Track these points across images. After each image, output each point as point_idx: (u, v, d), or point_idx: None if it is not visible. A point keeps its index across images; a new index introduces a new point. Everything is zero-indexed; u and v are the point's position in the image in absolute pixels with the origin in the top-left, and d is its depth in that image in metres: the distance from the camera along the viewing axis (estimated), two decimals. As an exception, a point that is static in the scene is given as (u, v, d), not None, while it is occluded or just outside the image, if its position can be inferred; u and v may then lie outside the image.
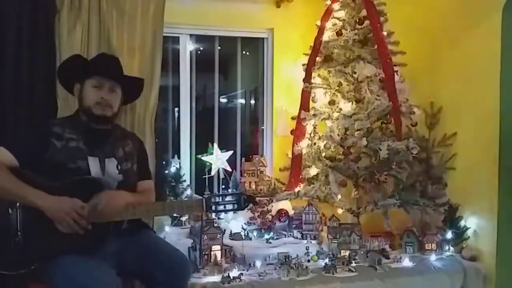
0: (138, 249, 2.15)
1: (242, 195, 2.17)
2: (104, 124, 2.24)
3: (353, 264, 2.74)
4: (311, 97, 3.23)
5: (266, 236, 3.09)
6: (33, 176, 2.02)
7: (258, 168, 3.42)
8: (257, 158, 3.47)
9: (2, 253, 1.98)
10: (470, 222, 3.01)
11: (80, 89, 2.23)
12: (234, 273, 2.54)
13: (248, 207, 2.29)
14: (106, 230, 2.02)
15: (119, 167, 2.21)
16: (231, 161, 3.37)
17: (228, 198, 2.15)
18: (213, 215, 3.03)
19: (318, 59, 3.22)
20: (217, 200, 2.13)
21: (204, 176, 3.24)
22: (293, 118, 3.32)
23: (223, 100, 4.05)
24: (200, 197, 2.39)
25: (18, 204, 1.98)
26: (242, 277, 2.52)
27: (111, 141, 2.25)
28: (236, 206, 2.14)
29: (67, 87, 2.38)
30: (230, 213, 3.28)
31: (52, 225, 1.95)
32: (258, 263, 2.67)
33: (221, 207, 2.14)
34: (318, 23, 3.25)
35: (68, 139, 2.13)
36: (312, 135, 3.18)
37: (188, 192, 3.32)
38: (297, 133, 3.21)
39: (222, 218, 3.23)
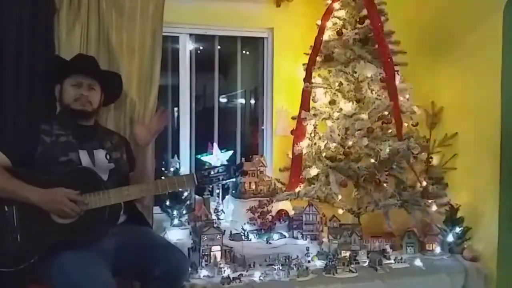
0: (136, 245, 2.17)
1: (231, 165, 2.27)
2: (85, 119, 2.31)
3: (354, 265, 2.73)
4: (311, 97, 3.22)
5: (266, 237, 3.08)
6: (26, 172, 2.06)
7: (258, 168, 3.40)
8: (257, 158, 3.46)
9: (1, 251, 1.99)
10: (471, 223, 3.00)
11: (60, 89, 2.30)
12: (234, 273, 2.53)
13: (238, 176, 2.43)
14: (102, 218, 2.04)
15: (108, 156, 2.28)
16: (231, 161, 3.36)
17: (218, 170, 2.23)
18: (213, 215, 3.04)
19: (318, 58, 3.20)
20: (208, 173, 2.20)
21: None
22: (293, 118, 3.31)
23: (223, 100, 4.04)
24: (190, 173, 2.61)
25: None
26: (242, 278, 2.51)
27: (98, 136, 2.33)
28: (226, 175, 2.22)
29: (48, 89, 2.41)
30: (230, 213, 3.28)
31: (49, 218, 1.98)
32: (258, 264, 2.66)
33: (212, 179, 2.22)
34: (319, 22, 3.24)
35: (57, 135, 2.19)
36: (312, 135, 3.16)
37: (188, 192, 3.30)
38: (297, 133, 3.20)
39: (222, 218, 3.22)
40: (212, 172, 2.20)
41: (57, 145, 2.16)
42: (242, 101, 4.13)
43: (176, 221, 3.13)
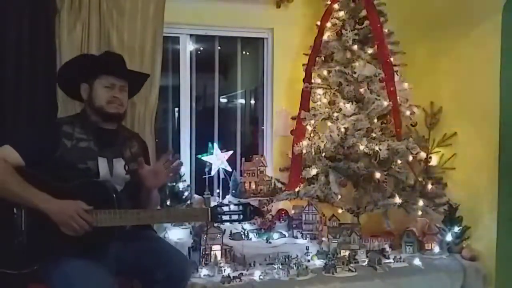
0: (139, 248, 2.16)
1: (249, 206, 2.16)
2: (117, 122, 2.26)
3: (353, 264, 2.74)
4: (311, 97, 3.23)
5: (266, 236, 3.10)
6: (39, 176, 2.00)
7: (258, 168, 3.41)
8: (257, 158, 3.47)
9: (6, 252, 1.97)
10: (470, 222, 3.01)
11: (90, 89, 2.21)
12: (234, 273, 2.54)
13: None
14: (110, 235, 2.01)
15: (127, 168, 2.22)
16: (231, 161, 3.37)
17: (234, 208, 2.13)
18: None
19: (318, 59, 3.22)
20: (223, 210, 2.12)
21: (204, 176, 3.24)
22: (293, 118, 3.32)
23: (223, 100, 4.05)
24: (205, 207, 2.42)
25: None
26: (242, 277, 2.53)
27: (119, 141, 2.26)
28: (242, 217, 2.14)
29: (70, 88, 2.35)
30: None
31: (57, 227, 1.94)
32: (258, 263, 2.67)
33: (226, 217, 2.12)
34: (318, 23, 3.26)
35: (78, 139, 2.12)
36: (312, 135, 3.18)
37: (188, 192, 3.32)
38: (297, 133, 3.21)
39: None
40: (227, 210, 2.12)
41: (76, 151, 2.09)
42: (242, 101, 4.14)
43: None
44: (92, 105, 2.20)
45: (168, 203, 3.11)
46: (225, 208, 2.12)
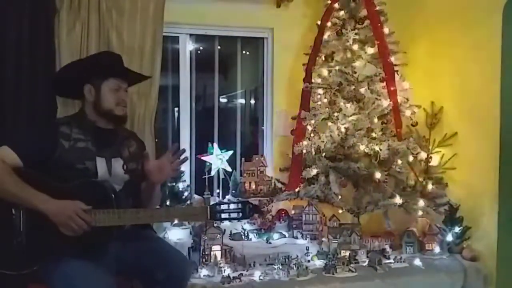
0: (139, 248, 2.15)
1: (248, 203, 2.16)
2: (122, 123, 2.26)
3: (353, 264, 2.74)
4: (311, 97, 3.23)
5: (266, 236, 3.09)
6: (37, 176, 1.99)
7: (258, 168, 3.41)
8: (257, 158, 3.47)
9: (5, 253, 1.97)
10: (470, 222, 3.00)
11: (95, 91, 2.18)
12: (234, 273, 2.54)
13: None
14: (109, 235, 2.00)
15: (125, 167, 2.21)
16: (231, 161, 3.36)
17: (233, 206, 2.13)
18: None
19: (318, 58, 3.22)
20: (222, 208, 2.11)
21: (204, 176, 3.24)
22: (293, 118, 3.32)
23: (223, 100, 4.04)
24: (204, 206, 2.42)
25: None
26: (242, 277, 2.53)
27: (118, 141, 2.25)
28: (241, 215, 2.13)
29: (70, 89, 2.32)
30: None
31: (56, 227, 1.94)
32: (258, 263, 2.67)
33: (225, 215, 2.12)
34: (319, 22, 3.25)
35: (76, 140, 2.11)
36: (312, 135, 3.17)
37: (188, 192, 3.31)
38: (297, 133, 3.21)
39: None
40: (226, 209, 2.12)
41: (74, 151, 2.08)
42: (242, 101, 4.13)
43: (176, 221, 3.12)
44: (98, 107, 2.18)
45: (168, 203, 3.11)
46: (224, 206, 2.12)
